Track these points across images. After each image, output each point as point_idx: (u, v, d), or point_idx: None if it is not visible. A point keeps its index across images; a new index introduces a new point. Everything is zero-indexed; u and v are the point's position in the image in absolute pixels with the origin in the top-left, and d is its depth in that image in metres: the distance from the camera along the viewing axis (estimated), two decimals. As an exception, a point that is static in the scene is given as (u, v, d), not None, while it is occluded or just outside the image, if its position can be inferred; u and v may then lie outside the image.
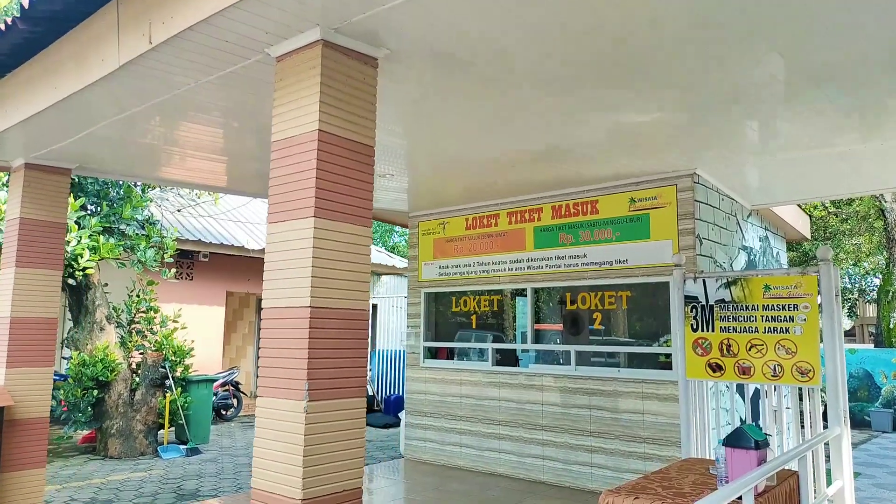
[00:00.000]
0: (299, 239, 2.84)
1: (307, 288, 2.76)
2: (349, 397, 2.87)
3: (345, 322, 2.89)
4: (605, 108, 4.64)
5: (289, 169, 2.95)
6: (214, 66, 3.32)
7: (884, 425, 12.22)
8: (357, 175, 3.00)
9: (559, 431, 7.04)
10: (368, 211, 3.05)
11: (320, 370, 2.76)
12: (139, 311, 10.22)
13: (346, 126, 2.99)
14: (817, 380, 4.76)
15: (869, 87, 4.32)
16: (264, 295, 2.98)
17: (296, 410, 2.73)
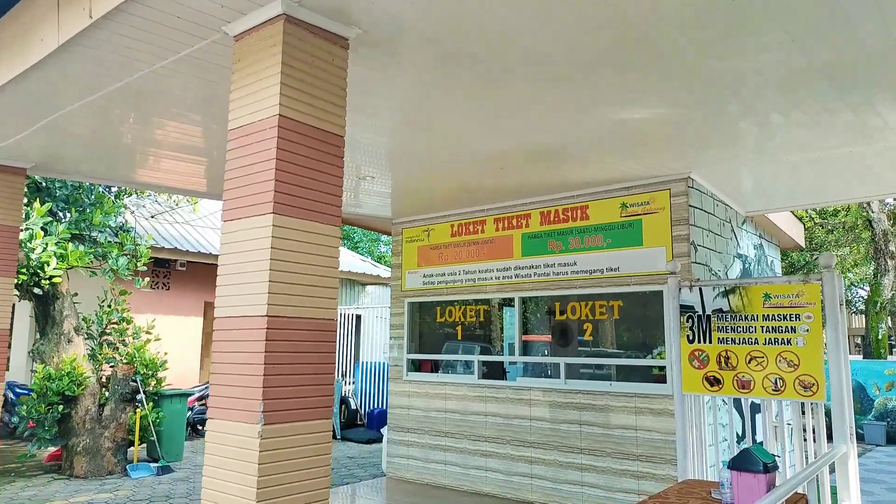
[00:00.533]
0: (256, 238, 2.51)
1: (264, 294, 2.42)
2: (312, 419, 2.53)
3: (308, 333, 2.55)
4: (600, 103, 4.37)
5: (246, 160, 2.62)
6: (167, 48, 2.99)
7: (877, 438, 11.99)
8: (324, 167, 2.68)
9: (548, 448, 6.71)
10: (337, 208, 2.73)
11: (278, 389, 2.43)
12: (111, 322, 9.79)
13: (312, 112, 2.67)
14: (821, 394, 4.48)
15: (867, 88, 4.09)
16: (217, 303, 2.65)
17: (249, 435, 2.38)
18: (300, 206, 2.57)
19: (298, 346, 2.51)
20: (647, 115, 4.65)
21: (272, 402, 2.40)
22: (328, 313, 2.63)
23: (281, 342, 2.45)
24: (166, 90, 3.73)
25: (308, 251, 2.59)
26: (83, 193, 9.33)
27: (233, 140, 2.70)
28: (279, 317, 2.46)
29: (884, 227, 18.48)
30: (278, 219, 2.49)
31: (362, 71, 3.36)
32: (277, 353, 2.44)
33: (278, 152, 2.50)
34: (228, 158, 2.70)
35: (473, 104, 4.40)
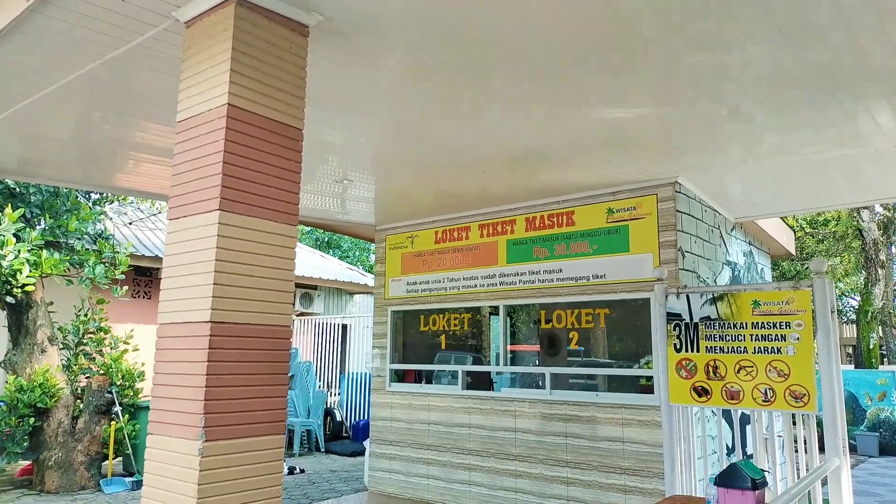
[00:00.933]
0: (201, 238, 2.31)
1: (207, 299, 2.23)
2: (262, 435, 2.33)
3: (259, 342, 2.36)
4: (583, 103, 4.21)
5: (193, 154, 2.43)
6: (115, 36, 2.81)
7: (870, 450, 11.84)
8: (280, 162, 2.49)
9: (533, 462, 6.50)
10: (293, 206, 2.54)
11: (223, 402, 2.23)
12: (87, 332, 9.54)
13: (266, 102, 2.49)
14: (813, 405, 4.32)
15: (860, 90, 3.96)
16: (160, 309, 2.45)
17: (189, 453, 2.18)
18: (251, 203, 2.39)
19: (247, 355, 2.32)
20: (631, 116, 4.50)
21: (215, 416, 2.20)
22: (282, 319, 2.43)
23: (227, 351, 2.26)
24: (126, 86, 3.54)
25: (260, 252, 2.40)
26: (60, 199, 9.10)
27: (181, 133, 2.52)
28: (225, 323, 2.26)
29: (874, 236, 18.44)
30: (226, 216, 2.30)
31: (328, 64, 3.18)
32: (222, 363, 2.24)
33: (226, 144, 2.32)
34: (176, 152, 2.52)
35: (451, 104, 4.24)
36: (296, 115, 2.59)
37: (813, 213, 23.42)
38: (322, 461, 10.38)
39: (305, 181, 6.45)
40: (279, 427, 2.40)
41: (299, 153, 2.59)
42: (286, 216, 2.50)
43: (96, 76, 3.41)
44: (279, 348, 2.42)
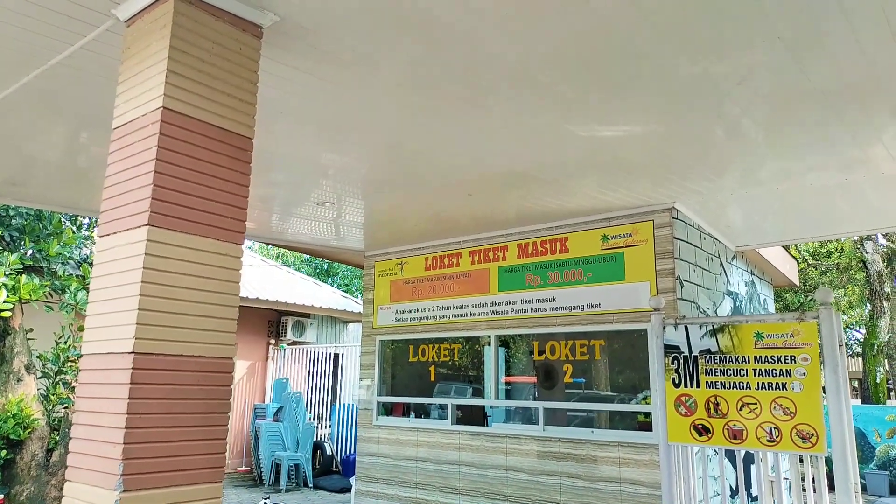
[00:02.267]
0: (128, 257, 2.05)
1: (131, 326, 1.96)
2: (196, 484, 2.03)
3: (194, 376, 2.08)
4: (576, 121, 3.98)
5: (125, 163, 2.19)
6: (55, 38, 2.58)
7: (880, 489, 11.36)
8: (224, 173, 2.24)
9: (526, 502, 6.13)
10: (240, 223, 2.28)
11: (147, 446, 1.94)
12: (68, 360, 9.22)
13: (209, 107, 2.25)
14: (822, 446, 4.00)
15: (867, 110, 3.74)
16: (84, 338, 2.17)
17: (105, 505, 1.89)
18: (188, 219, 2.13)
19: (179, 391, 2.03)
20: (624, 136, 4.27)
21: (137, 462, 1.91)
22: (222, 350, 2.15)
23: (153, 386, 1.98)
24: (80, 95, 3.32)
25: (197, 274, 2.13)
26: (42, 223, 8.87)
27: (115, 141, 2.28)
28: (152, 354, 1.99)
29: (879, 267, 18.14)
30: (156, 232, 2.04)
31: (294, 74, 2.96)
32: (148, 401, 1.96)
33: (160, 151, 2.07)
34: (109, 162, 2.27)
35: (435, 121, 4.02)
36: (244, 121, 2.35)
37: (815, 244, 23.17)
38: (309, 498, 9.95)
39: (292, 205, 6.22)
40: (217, 474, 2.11)
41: (248, 164, 2.34)
42: (230, 234, 2.24)
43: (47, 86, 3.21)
44: (219, 383, 2.14)
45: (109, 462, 1.91)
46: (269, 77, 2.93)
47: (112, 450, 1.92)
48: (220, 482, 2.12)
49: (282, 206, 6.26)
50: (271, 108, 3.54)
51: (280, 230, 7.22)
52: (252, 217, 6.46)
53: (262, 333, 13.26)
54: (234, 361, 2.20)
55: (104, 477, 1.92)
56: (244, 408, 12.64)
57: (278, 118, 3.77)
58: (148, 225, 2.03)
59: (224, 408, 2.15)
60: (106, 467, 1.92)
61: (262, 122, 3.27)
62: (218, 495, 2.11)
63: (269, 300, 12.52)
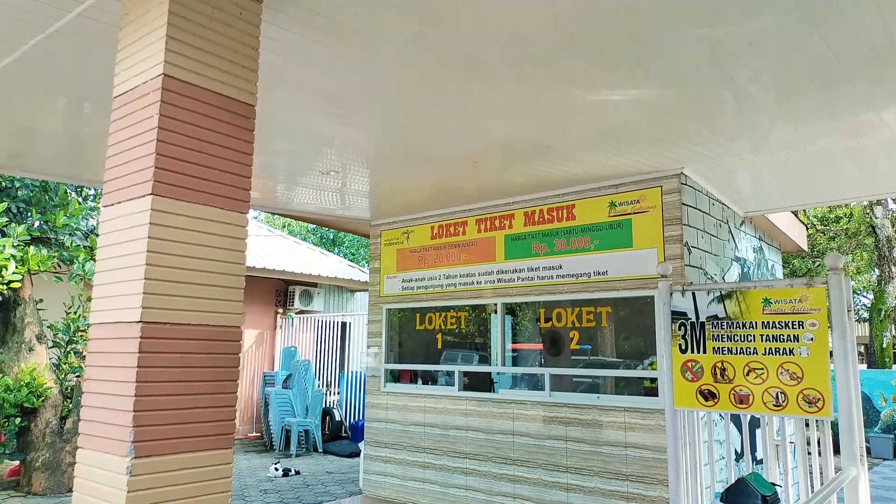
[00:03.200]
0: (133, 227, 2.05)
1: (138, 296, 1.96)
2: (206, 450, 2.06)
3: (202, 344, 2.09)
4: (582, 85, 3.91)
5: (127, 132, 2.17)
6: (53, 5, 2.54)
7: (884, 452, 11.47)
8: (227, 141, 2.22)
9: (532, 466, 6.21)
10: (244, 191, 2.27)
11: (157, 414, 1.96)
12: (79, 330, 9.32)
13: (210, 74, 2.21)
14: (828, 411, 4.01)
15: (874, 72, 3.65)
16: (92, 307, 2.18)
17: (118, 471, 1.92)
18: (192, 188, 2.12)
19: (188, 360, 2.05)
20: (632, 101, 4.20)
21: (148, 429, 1.93)
22: (230, 319, 2.16)
23: (162, 355, 1.99)
24: (79, 64, 3.28)
25: (203, 243, 2.13)
26: (48, 194, 8.88)
27: (116, 110, 2.25)
28: (160, 323, 2.00)
29: (888, 232, 18.02)
30: (160, 202, 2.03)
31: (305, 43, 2.91)
32: (157, 369, 1.97)
33: (161, 120, 2.05)
34: (111, 131, 2.26)
35: (443, 89, 3.96)
36: (246, 88, 2.32)
37: (824, 210, 22.99)
38: (319, 462, 10.13)
39: (297, 174, 6.20)
40: (226, 440, 2.13)
41: (251, 132, 2.32)
42: (235, 203, 2.23)
43: (42, 60, 3.17)
44: (227, 352, 2.15)
45: (120, 429, 1.94)
46: (271, 43, 2.88)
47: (123, 417, 1.94)
48: (230, 448, 2.15)
49: (286, 175, 6.23)
50: (273, 76, 3.50)
51: (285, 199, 7.20)
52: (257, 186, 6.43)
53: (269, 303, 13.36)
54: (241, 330, 2.21)
55: (116, 444, 1.95)
56: (254, 375, 12.81)
57: (280, 86, 3.72)
58: (152, 194, 2.02)
59: (233, 375, 2.17)
60: (117, 434, 1.95)
61: (264, 90, 3.23)
62: (228, 461, 2.14)
63: (276, 270, 12.57)
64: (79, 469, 2.11)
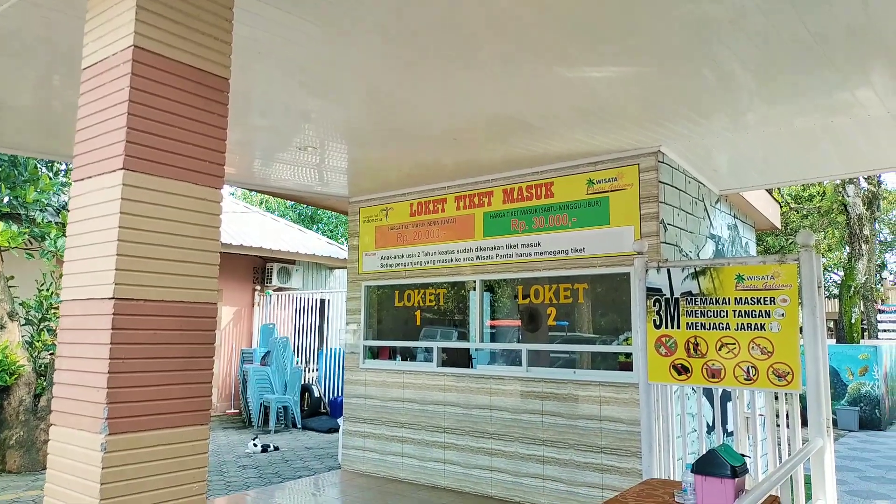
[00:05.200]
0: (104, 202, 2.01)
1: (111, 272, 1.93)
2: (181, 426, 2.05)
3: (177, 321, 2.07)
4: (561, 62, 3.90)
5: (97, 105, 2.12)
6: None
7: (850, 424, 11.83)
8: (200, 115, 2.18)
9: (509, 440, 6.31)
10: (219, 167, 2.23)
11: (130, 390, 1.95)
12: (52, 307, 9.18)
13: (182, 46, 2.16)
14: (797, 384, 4.11)
15: (858, 53, 3.69)
16: (63, 283, 2.15)
17: (92, 448, 1.91)
18: (164, 163, 2.08)
19: (162, 336, 2.03)
20: (612, 78, 4.20)
21: (122, 406, 1.92)
22: (204, 296, 2.15)
23: (136, 332, 1.97)
24: (47, 36, 3.18)
25: (176, 219, 2.10)
26: (17, 169, 8.67)
27: (85, 82, 2.20)
28: (133, 300, 1.97)
29: (859, 210, 18.36)
30: (132, 176, 1.99)
31: (260, 6, 2.84)
32: (130, 346, 1.96)
33: (132, 93, 2.00)
34: (80, 104, 2.20)
35: (422, 66, 3.92)
36: (219, 61, 2.27)
37: (798, 188, 23.33)
38: (298, 438, 10.17)
39: (274, 150, 6.12)
40: (202, 416, 2.13)
41: (225, 106, 2.28)
42: (208, 178, 2.19)
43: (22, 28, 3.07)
44: (202, 328, 2.14)
45: (94, 406, 1.93)
46: (245, 15, 2.82)
47: (96, 394, 1.92)
48: (206, 424, 2.15)
49: (263, 150, 6.14)
50: (249, 49, 3.44)
51: (263, 176, 7.12)
52: (233, 162, 6.34)
53: (247, 280, 13.26)
54: (217, 306, 2.19)
55: (90, 421, 1.93)
56: (232, 353, 12.76)
57: (256, 60, 3.66)
58: (123, 169, 1.98)
59: (208, 352, 2.16)
60: (91, 411, 1.93)
61: (239, 64, 3.17)
62: (204, 437, 2.14)
63: (253, 247, 12.46)
64: (52, 446, 2.09)
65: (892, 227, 32.60)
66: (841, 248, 25.37)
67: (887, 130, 5.16)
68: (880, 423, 11.87)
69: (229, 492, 6.73)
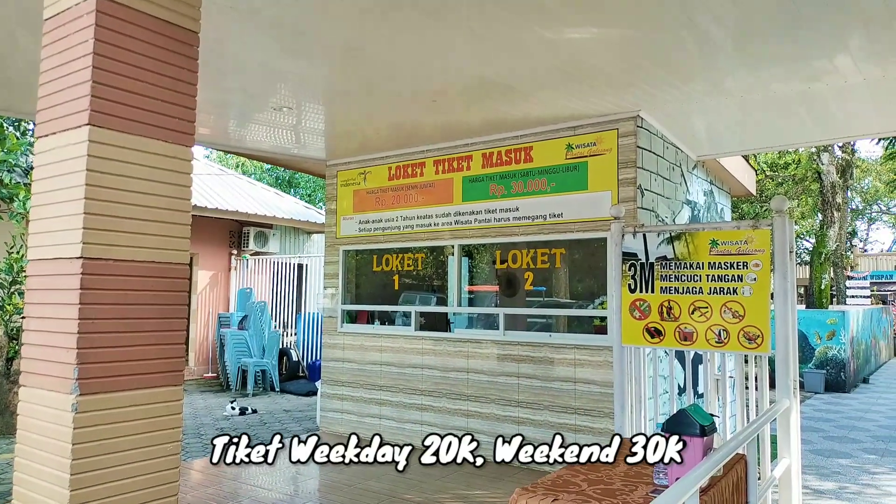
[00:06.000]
0: (70, 159, 1.95)
1: (78, 231, 1.89)
2: (153, 387, 2.04)
3: (147, 281, 2.04)
4: (541, 22, 3.84)
5: (60, 58, 2.04)
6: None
7: (817, 386, 12.20)
8: (170, 70, 2.11)
9: (485, 402, 6.40)
10: (189, 123, 2.18)
11: (101, 351, 1.92)
12: (22, 270, 9.02)
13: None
14: (766, 347, 4.21)
15: (836, 19, 3.69)
16: (29, 243, 2.10)
17: (63, 408, 1.89)
18: (132, 119, 2.02)
19: (132, 296, 2.00)
20: (592, 39, 4.16)
21: (92, 366, 1.90)
22: (175, 256, 2.11)
23: (105, 292, 1.94)
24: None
25: (145, 177, 2.05)
26: (-18, 128, 8.40)
27: (47, 34, 2.11)
28: (101, 259, 1.93)
29: (832, 178, 18.62)
30: (98, 132, 1.93)
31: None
32: (100, 306, 1.93)
33: (97, 45, 1.92)
34: (43, 57, 2.12)
35: (395, 23, 3.84)
36: (188, 14, 2.19)
37: (774, 156, 23.56)
38: (276, 401, 10.22)
39: (250, 110, 5.99)
40: (175, 377, 2.12)
41: (194, 61, 2.20)
42: (178, 135, 2.14)
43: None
44: (173, 289, 2.11)
45: (64, 367, 1.90)
46: (216, -33, 2.72)
47: (66, 355, 1.90)
48: (180, 385, 2.14)
49: (238, 111, 6.01)
50: (222, 4, 3.33)
51: (238, 137, 6.98)
52: (207, 122, 6.20)
53: (223, 244, 13.13)
54: (188, 267, 2.16)
55: (60, 381, 1.91)
56: (209, 317, 12.70)
57: (229, 15, 3.54)
58: (89, 125, 1.91)
59: (180, 313, 2.14)
60: (61, 372, 1.91)
61: (212, 20, 3.07)
62: (178, 398, 2.13)
63: (229, 210, 12.30)
64: (22, 407, 2.07)
65: (864, 195, 33.23)
66: (814, 215, 25.81)
67: (862, 98, 5.21)
68: (845, 386, 12.26)
69: (206, 454, 6.77)
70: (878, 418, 9.52)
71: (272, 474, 6.01)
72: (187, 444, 7.14)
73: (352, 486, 5.52)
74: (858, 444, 7.69)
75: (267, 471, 6.11)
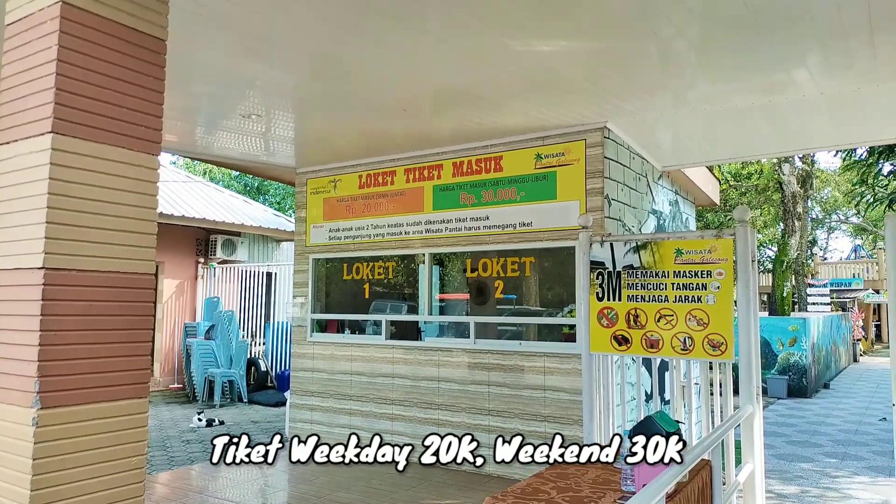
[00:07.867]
0: (33, 167, 1.91)
1: (40, 240, 1.85)
2: (118, 400, 2.00)
3: (112, 292, 2.01)
4: (509, 34, 3.89)
5: (23, 64, 2.00)
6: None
7: (779, 392, 12.48)
8: (136, 78, 2.09)
9: (456, 410, 6.41)
10: (156, 132, 2.15)
11: (63, 363, 1.88)
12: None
13: (115, 4, 2.06)
14: (730, 354, 4.30)
15: (793, 35, 3.82)
16: (-11, 252, 2.05)
17: (23, 422, 1.84)
18: (97, 127, 1.99)
19: (96, 307, 1.97)
20: (562, 52, 4.23)
21: (54, 379, 1.86)
22: (141, 266, 2.08)
23: (68, 303, 1.90)
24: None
25: (110, 186, 2.02)
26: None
27: (10, 39, 2.07)
28: (64, 270, 1.90)
29: (793, 188, 19.16)
30: (62, 140, 1.90)
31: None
32: (62, 318, 1.89)
33: (61, 52, 1.90)
34: (4, 63, 2.08)
35: (365, 32, 3.85)
36: (156, 21, 2.17)
37: (737, 166, 24.13)
38: (244, 412, 10.07)
39: (217, 117, 5.93)
40: (141, 389, 2.08)
41: (161, 69, 2.18)
42: (144, 143, 2.11)
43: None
44: (139, 300, 2.08)
45: (25, 380, 1.86)
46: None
47: (27, 367, 1.85)
48: (145, 398, 2.10)
49: (206, 118, 5.95)
50: (189, 11, 3.30)
51: (206, 144, 6.90)
52: (174, 129, 6.12)
53: (190, 252, 12.92)
54: (154, 277, 2.13)
55: (20, 395, 1.86)
56: (174, 326, 12.47)
57: (197, 22, 3.52)
58: (52, 132, 1.88)
59: (145, 324, 2.10)
60: (22, 385, 1.86)
61: (179, 26, 3.05)
62: (143, 410, 2.09)
63: (196, 218, 12.12)
64: (-19, 421, 2.01)
65: (824, 205, 34.22)
66: (776, 224, 26.48)
67: (820, 111, 5.38)
68: (807, 391, 12.57)
69: (172, 466, 6.64)
70: (839, 423, 9.78)
71: (240, 486, 5.93)
72: (152, 456, 6.99)
73: (321, 497, 5.47)
74: (819, 449, 7.88)
75: (234, 482, 6.03)
